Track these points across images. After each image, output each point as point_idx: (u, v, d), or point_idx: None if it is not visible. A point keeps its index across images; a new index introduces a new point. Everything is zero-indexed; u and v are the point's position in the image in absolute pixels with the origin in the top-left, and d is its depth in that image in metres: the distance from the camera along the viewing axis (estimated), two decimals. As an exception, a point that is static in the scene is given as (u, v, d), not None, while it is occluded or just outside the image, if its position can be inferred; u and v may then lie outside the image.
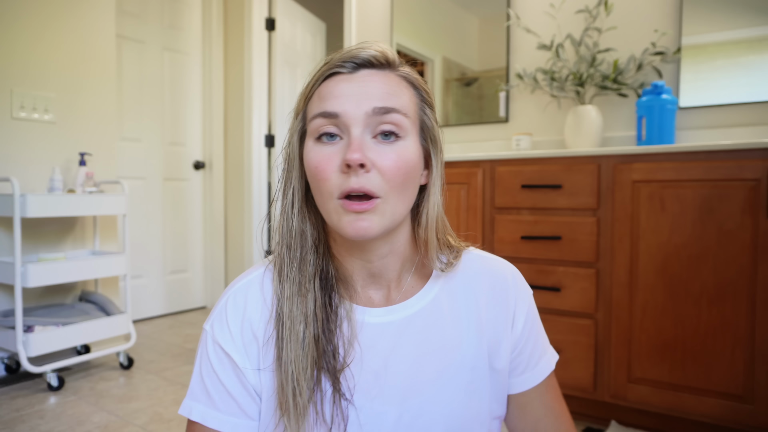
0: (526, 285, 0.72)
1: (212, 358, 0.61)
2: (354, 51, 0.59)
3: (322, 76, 0.59)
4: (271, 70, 3.37)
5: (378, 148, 0.57)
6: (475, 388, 0.65)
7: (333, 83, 0.58)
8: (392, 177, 0.56)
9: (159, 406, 1.90)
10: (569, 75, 2.09)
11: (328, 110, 0.57)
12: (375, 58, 0.59)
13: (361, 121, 0.56)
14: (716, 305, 1.49)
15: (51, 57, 2.30)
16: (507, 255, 1.81)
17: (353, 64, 0.58)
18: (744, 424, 1.46)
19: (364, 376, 0.61)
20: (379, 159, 0.56)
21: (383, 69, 0.59)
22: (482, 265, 0.69)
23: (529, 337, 0.69)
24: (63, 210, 2.08)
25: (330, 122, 0.57)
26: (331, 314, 0.61)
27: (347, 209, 0.56)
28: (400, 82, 0.60)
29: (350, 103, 0.56)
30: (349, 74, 0.58)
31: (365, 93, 0.57)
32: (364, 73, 0.58)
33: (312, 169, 0.58)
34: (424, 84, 0.64)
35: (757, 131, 1.84)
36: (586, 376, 1.69)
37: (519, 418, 0.70)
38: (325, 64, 0.60)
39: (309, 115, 0.60)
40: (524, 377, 0.69)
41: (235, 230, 3.45)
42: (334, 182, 0.56)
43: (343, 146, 0.57)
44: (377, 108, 0.56)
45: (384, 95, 0.57)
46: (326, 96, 0.58)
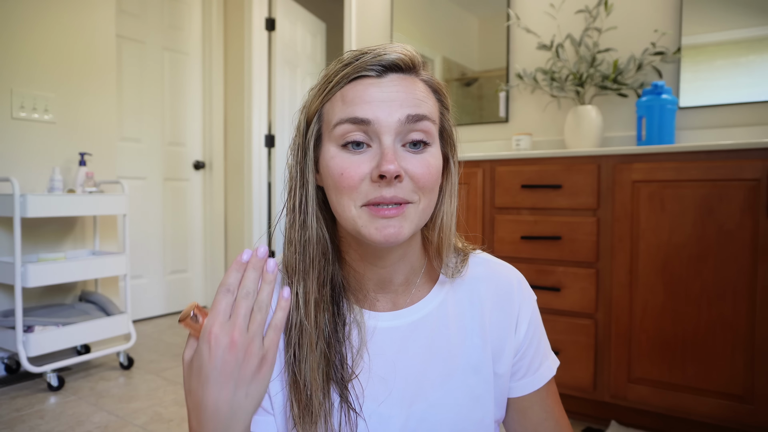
0: (531, 291, 0.72)
1: None
2: (380, 53, 0.56)
3: (347, 78, 0.56)
4: (271, 70, 3.37)
5: (408, 156, 0.56)
6: (480, 393, 0.65)
7: (361, 87, 0.55)
8: (424, 184, 0.56)
9: (159, 406, 1.90)
10: (569, 75, 2.09)
11: (359, 116, 0.54)
12: (402, 61, 0.56)
13: (393, 129, 0.54)
14: (716, 305, 1.49)
15: (51, 57, 2.30)
16: (507, 255, 1.81)
17: (381, 67, 0.55)
18: (744, 424, 1.46)
19: (371, 381, 0.61)
20: (410, 167, 0.55)
21: (410, 73, 0.58)
22: (487, 269, 0.69)
23: (531, 341, 0.69)
24: (63, 210, 2.08)
25: (359, 129, 0.55)
26: (339, 323, 0.60)
27: (376, 215, 0.55)
28: (425, 87, 0.58)
29: (382, 110, 0.54)
30: (377, 78, 0.55)
31: (396, 99, 0.55)
32: (392, 77, 0.56)
33: (336, 176, 0.55)
34: (444, 88, 0.62)
35: (757, 131, 1.84)
36: (586, 376, 1.69)
37: (519, 422, 0.71)
38: (348, 65, 0.56)
39: (330, 118, 0.57)
40: (525, 381, 0.70)
41: (235, 230, 3.45)
42: (362, 191, 0.55)
43: (373, 155, 0.55)
44: (410, 116, 0.55)
45: (414, 102, 0.55)
46: (354, 100, 0.55)
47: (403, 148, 0.56)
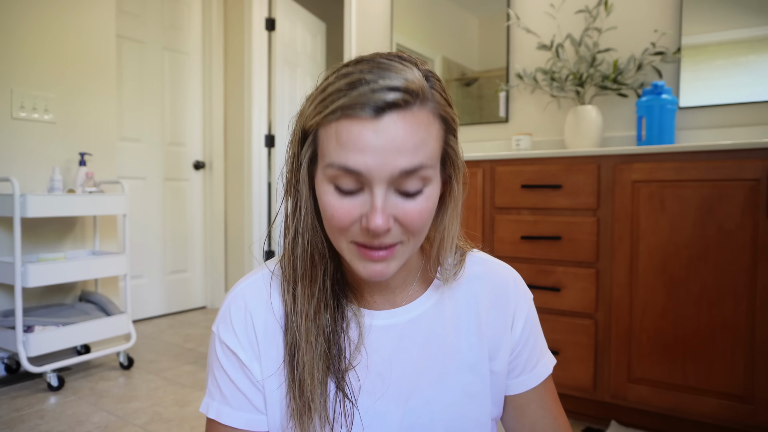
0: (527, 289, 0.72)
1: (221, 357, 0.63)
2: (378, 89, 0.50)
3: (342, 110, 0.51)
4: (271, 70, 3.37)
5: (401, 203, 0.53)
6: (476, 390, 0.65)
7: (356, 129, 0.50)
8: (415, 228, 0.55)
9: (159, 406, 1.90)
10: (569, 75, 2.09)
11: (350, 167, 0.51)
12: (403, 100, 0.50)
13: (385, 180, 0.51)
14: (716, 305, 1.48)
15: (51, 57, 2.30)
16: (507, 255, 1.81)
17: (377, 108, 0.50)
18: (744, 424, 1.46)
19: (368, 378, 0.62)
20: (402, 214, 0.53)
21: (410, 107, 0.51)
22: (484, 268, 0.70)
23: (528, 339, 0.70)
24: (63, 210, 2.08)
25: (350, 177, 0.52)
26: (338, 316, 0.61)
27: (364, 256, 0.55)
28: (428, 118, 0.53)
29: (375, 160, 0.50)
30: (374, 120, 0.50)
31: (392, 148, 0.50)
32: (390, 117, 0.50)
33: (328, 215, 0.55)
34: (451, 110, 0.57)
35: (757, 131, 1.84)
36: (586, 376, 1.69)
37: (516, 420, 0.71)
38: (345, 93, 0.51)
39: (324, 151, 0.54)
40: (522, 379, 0.70)
41: (235, 230, 3.45)
42: (352, 231, 0.54)
43: (364, 201, 0.53)
44: (405, 171, 0.51)
45: (412, 148, 0.51)
46: (347, 145, 0.51)
47: (395, 194, 0.53)
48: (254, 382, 0.62)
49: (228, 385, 0.63)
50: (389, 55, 0.54)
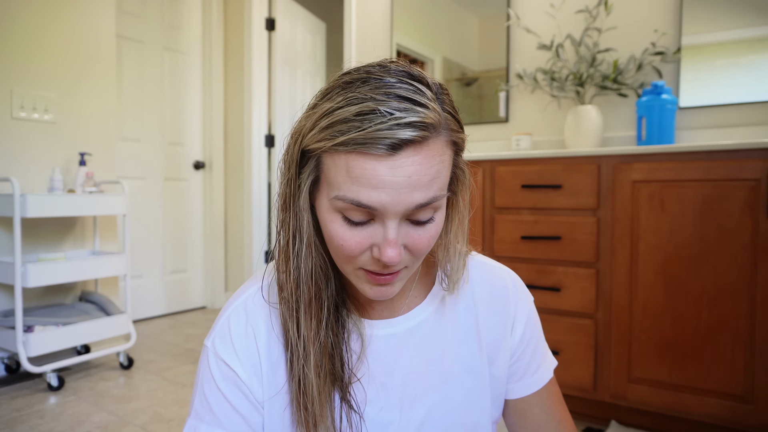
0: (527, 292, 0.71)
1: (216, 374, 0.60)
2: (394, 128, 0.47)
3: (353, 143, 0.47)
4: (271, 70, 3.37)
5: (412, 231, 0.52)
6: (476, 395, 0.65)
7: (369, 165, 0.48)
8: (422, 253, 0.55)
9: (159, 406, 1.90)
10: (569, 75, 2.09)
11: (364, 203, 0.49)
12: (420, 136, 0.48)
13: (399, 214, 0.50)
14: (716, 305, 1.48)
15: (51, 57, 2.30)
16: (507, 255, 1.81)
17: (393, 145, 0.47)
18: (744, 424, 1.46)
19: (372, 387, 0.61)
20: (412, 242, 0.53)
21: (426, 141, 0.49)
22: (482, 271, 0.69)
23: (528, 343, 0.69)
24: (63, 210, 2.08)
25: (363, 211, 0.50)
26: (339, 329, 0.60)
27: (371, 281, 0.54)
28: (442, 148, 0.51)
29: (390, 197, 0.48)
30: (387, 157, 0.47)
31: (408, 185, 0.48)
32: (405, 155, 0.48)
33: (334, 243, 0.53)
34: (461, 129, 0.54)
35: (757, 131, 1.84)
36: (586, 376, 1.69)
37: (520, 424, 0.70)
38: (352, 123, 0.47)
39: (331, 180, 0.51)
40: (523, 383, 0.69)
41: (235, 230, 3.45)
42: (360, 259, 0.53)
43: (374, 232, 0.51)
44: (420, 204, 0.50)
45: (427, 184, 0.49)
46: (360, 180, 0.48)
47: (406, 223, 0.52)
48: (253, 402, 0.60)
49: (222, 405, 0.59)
50: (398, 74, 0.50)
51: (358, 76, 0.50)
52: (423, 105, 0.48)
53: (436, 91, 0.51)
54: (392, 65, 0.51)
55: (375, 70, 0.50)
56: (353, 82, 0.50)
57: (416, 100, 0.48)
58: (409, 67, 0.52)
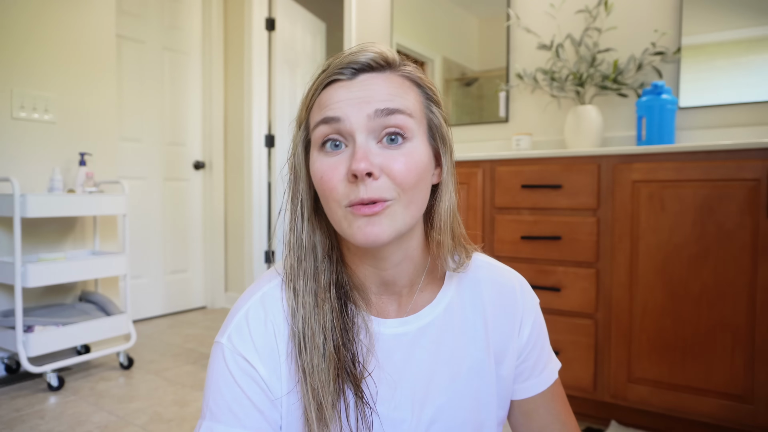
0: (533, 294, 0.72)
1: (234, 371, 0.58)
2: (351, 56, 0.57)
3: (321, 84, 0.58)
4: (271, 70, 3.37)
5: (385, 152, 0.55)
6: (484, 395, 0.66)
7: (333, 90, 0.56)
8: (403, 180, 0.55)
9: (159, 406, 1.90)
10: (569, 75, 2.09)
11: (329, 115, 0.55)
12: (374, 60, 0.56)
13: (363, 126, 0.54)
14: (716, 305, 1.49)
15: (51, 57, 2.30)
16: (507, 255, 1.81)
17: (352, 69, 0.56)
18: (744, 424, 1.46)
19: (382, 386, 0.61)
20: (387, 163, 0.54)
21: (384, 71, 0.57)
22: (489, 272, 0.70)
23: (535, 344, 0.70)
24: (63, 210, 2.08)
25: (332, 129, 0.55)
26: (348, 323, 0.60)
27: (356, 213, 0.54)
28: (403, 82, 0.58)
29: (351, 107, 0.55)
30: (349, 80, 0.56)
31: (366, 96, 0.55)
32: (364, 77, 0.56)
33: (318, 179, 0.56)
34: (429, 81, 0.61)
35: (757, 131, 1.84)
36: (586, 376, 1.69)
37: (525, 425, 0.71)
38: (323, 71, 0.58)
39: (311, 124, 0.58)
40: (529, 383, 0.70)
41: (235, 230, 3.45)
42: (342, 191, 0.55)
43: (349, 155, 0.55)
44: (379, 110, 0.54)
45: (386, 97, 0.55)
46: (326, 103, 0.56)
47: (379, 145, 0.55)
48: (271, 399, 0.59)
49: (241, 401, 0.58)
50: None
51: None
52: (382, 49, 0.58)
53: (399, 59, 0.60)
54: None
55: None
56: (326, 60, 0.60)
57: (374, 47, 0.58)
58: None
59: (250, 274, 3.38)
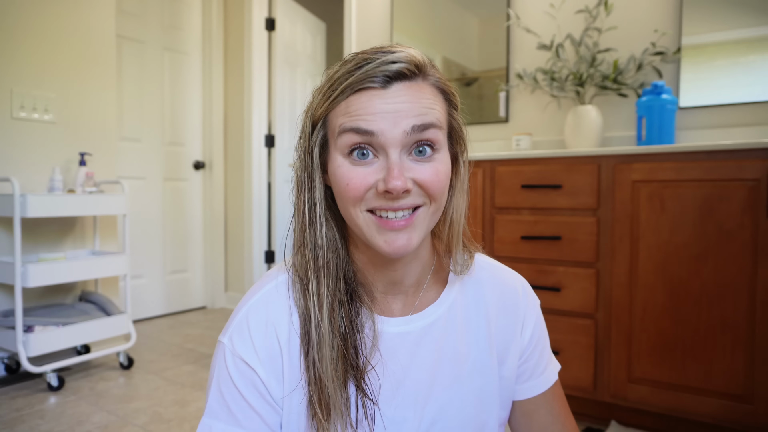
0: (535, 295, 0.73)
1: (233, 372, 0.59)
2: (383, 63, 0.54)
3: (351, 88, 0.55)
4: (271, 70, 3.37)
5: (415, 165, 0.55)
6: (486, 395, 0.66)
7: (365, 98, 0.54)
8: (433, 192, 0.56)
9: (159, 406, 1.90)
10: (569, 75, 2.09)
11: (363, 128, 0.53)
12: (407, 69, 0.55)
13: (399, 141, 0.54)
14: (716, 305, 1.48)
15: (51, 57, 2.30)
16: (507, 255, 1.81)
17: (385, 77, 0.54)
18: (744, 424, 1.46)
19: (385, 384, 0.61)
20: (418, 176, 0.55)
21: (415, 79, 0.56)
22: (492, 274, 0.70)
23: (536, 345, 0.71)
24: (63, 210, 2.08)
25: (364, 140, 0.54)
26: (354, 318, 0.60)
27: (385, 227, 0.55)
28: (433, 91, 0.57)
29: (387, 122, 0.53)
30: (382, 89, 0.54)
31: (402, 110, 0.54)
32: (397, 87, 0.54)
33: (342, 185, 0.56)
34: (452, 87, 0.61)
35: (757, 131, 1.84)
36: (586, 376, 1.69)
37: (526, 425, 0.71)
38: (351, 73, 0.55)
39: (335, 127, 0.56)
40: (530, 384, 0.70)
41: (235, 230, 3.45)
42: (369, 200, 0.55)
43: (379, 167, 0.54)
44: (416, 126, 0.54)
45: (420, 110, 0.54)
46: (358, 111, 0.54)
47: (409, 158, 0.55)
48: (270, 401, 0.59)
49: (239, 403, 0.59)
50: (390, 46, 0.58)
51: (355, 55, 0.58)
52: (409, 51, 0.56)
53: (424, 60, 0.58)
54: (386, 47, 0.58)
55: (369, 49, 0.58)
56: (350, 58, 0.57)
57: (403, 50, 0.56)
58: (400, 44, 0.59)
59: (250, 274, 3.38)
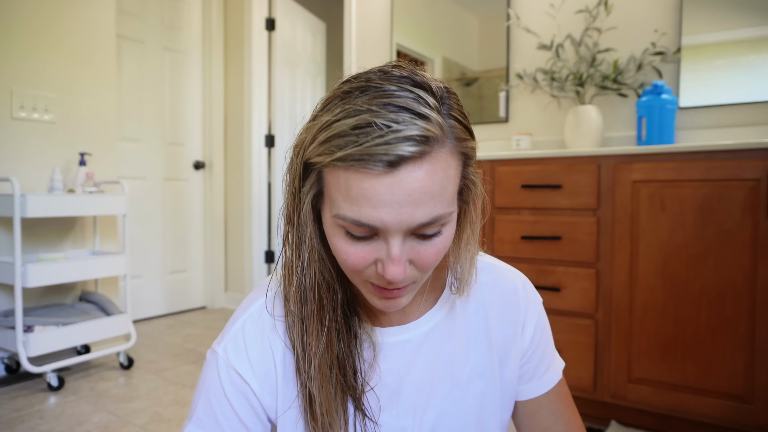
0: (536, 294, 0.71)
1: (225, 384, 0.57)
2: (393, 141, 0.44)
3: (351, 159, 0.45)
4: (271, 70, 3.37)
5: (417, 246, 0.50)
6: (487, 399, 0.65)
7: (367, 183, 0.45)
8: (429, 267, 0.52)
9: (159, 406, 1.90)
10: (569, 75, 2.09)
11: (365, 222, 0.47)
12: (420, 151, 0.45)
13: (402, 232, 0.48)
14: (716, 305, 1.48)
15: (51, 57, 2.30)
16: (507, 255, 1.81)
17: (394, 160, 0.45)
18: (744, 424, 1.46)
19: (385, 394, 0.61)
20: (417, 257, 0.51)
21: (428, 152, 0.46)
22: (491, 275, 0.68)
23: (538, 344, 0.69)
24: (63, 210, 2.08)
25: (364, 229, 0.48)
26: (350, 338, 0.58)
27: (380, 294, 0.53)
28: (447, 160, 0.48)
29: (390, 214, 0.46)
30: (386, 174, 0.45)
31: (409, 202, 0.46)
32: (405, 170, 0.45)
33: (339, 257, 0.52)
34: (470, 138, 0.51)
35: (757, 131, 1.84)
36: (586, 376, 1.69)
37: (529, 426, 0.70)
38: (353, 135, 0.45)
39: (331, 196, 0.49)
40: (532, 385, 0.69)
41: (235, 230, 3.45)
42: (366, 273, 0.52)
43: (378, 247, 0.50)
44: (423, 223, 0.48)
45: (430, 200, 0.47)
46: (359, 199, 0.46)
47: (412, 237, 0.50)
48: (260, 415, 0.58)
49: (228, 415, 0.57)
50: (399, 80, 0.47)
51: (358, 85, 0.48)
52: (424, 116, 0.45)
53: (440, 96, 0.48)
54: (394, 71, 0.49)
55: (375, 77, 0.48)
56: (352, 91, 0.48)
57: (416, 111, 0.45)
58: (411, 72, 0.48)
59: (250, 274, 3.38)
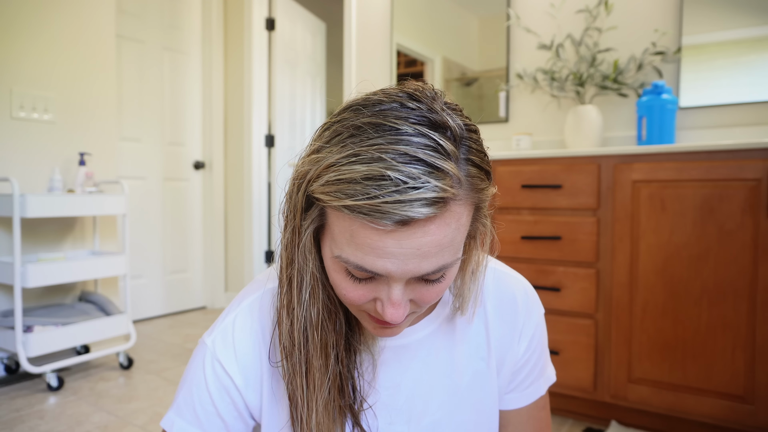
0: (538, 304, 0.68)
1: (209, 376, 0.57)
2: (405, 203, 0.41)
3: (358, 210, 0.43)
4: (271, 70, 3.37)
5: (420, 287, 0.49)
6: (485, 407, 0.64)
7: (376, 236, 0.44)
8: (430, 304, 0.52)
9: (159, 406, 1.90)
10: (569, 75, 2.09)
11: (369, 269, 0.46)
12: (433, 213, 0.43)
13: (404, 279, 0.47)
14: (716, 305, 1.48)
15: (51, 57, 2.30)
16: (507, 255, 1.81)
17: (405, 220, 0.43)
18: (744, 424, 1.46)
19: (381, 401, 0.60)
20: (419, 297, 0.50)
21: (443, 209, 0.44)
22: (494, 280, 0.67)
23: (529, 359, 0.67)
24: (63, 210, 2.08)
25: (366, 274, 0.47)
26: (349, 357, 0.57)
27: (377, 324, 0.52)
28: (459, 211, 0.46)
29: (396, 265, 0.45)
30: (395, 231, 0.43)
31: (416, 255, 0.45)
32: (416, 226, 0.44)
33: (338, 292, 0.51)
34: (488, 181, 0.50)
35: (758, 131, 1.84)
36: (586, 376, 1.68)
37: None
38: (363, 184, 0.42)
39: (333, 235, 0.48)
40: (512, 396, 0.68)
41: (235, 230, 3.45)
42: (365, 306, 0.51)
43: (377, 287, 0.48)
44: (428, 273, 0.47)
45: (438, 252, 0.45)
46: (363, 247, 0.45)
47: (414, 280, 0.49)
48: (241, 410, 0.58)
49: (206, 407, 0.57)
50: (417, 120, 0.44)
51: (370, 121, 0.45)
52: (441, 170, 0.42)
53: (459, 137, 0.46)
54: (410, 104, 0.45)
55: (390, 111, 0.45)
56: (364, 128, 0.44)
57: (434, 165, 0.42)
58: (429, 107, 0.45)
59: (250, 274, 3.38)
